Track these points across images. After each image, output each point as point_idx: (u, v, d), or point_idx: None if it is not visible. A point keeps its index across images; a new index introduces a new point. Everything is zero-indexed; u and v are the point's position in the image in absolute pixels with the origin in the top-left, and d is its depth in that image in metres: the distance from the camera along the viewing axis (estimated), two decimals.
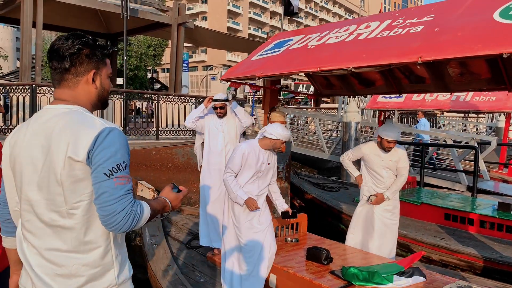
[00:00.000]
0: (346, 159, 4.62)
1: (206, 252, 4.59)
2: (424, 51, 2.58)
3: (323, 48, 3.49)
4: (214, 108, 4.79)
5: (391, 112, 16.31)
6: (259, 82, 4.77)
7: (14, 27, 36.18)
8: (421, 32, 2.85)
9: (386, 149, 4.30)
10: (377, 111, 14.31)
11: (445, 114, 21.89)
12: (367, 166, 4.51)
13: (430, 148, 11.06)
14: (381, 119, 6.65)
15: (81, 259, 1.52)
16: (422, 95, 7.45)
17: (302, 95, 4.96)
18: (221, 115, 4.80)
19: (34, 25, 8.67)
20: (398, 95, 7.28)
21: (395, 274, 3.38)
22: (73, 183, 1.46)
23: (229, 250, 3.78)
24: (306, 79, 4.87)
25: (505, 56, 2.17)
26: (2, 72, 22.76)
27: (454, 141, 10.91)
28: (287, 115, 15.54)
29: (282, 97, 4.83)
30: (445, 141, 11.04)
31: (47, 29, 12.15)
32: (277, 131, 3.58)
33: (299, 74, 4.34)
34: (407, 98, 7.45)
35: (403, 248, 5.50)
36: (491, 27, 2.47)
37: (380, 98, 7.30)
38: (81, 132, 1.46)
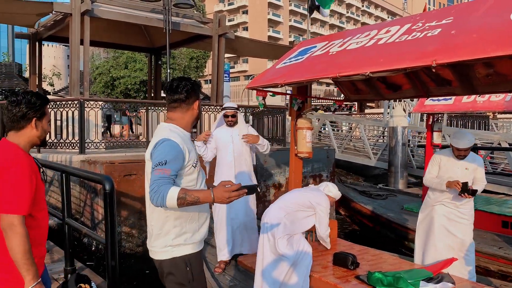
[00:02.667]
0: (429, 178, 4.38)
1: (237, 257, 4.68)
2: (438, 54, 2.56)
3: (343, 54, 3.51)
4: (225, 116, 4.70)
5: (440, 115, 15.71)
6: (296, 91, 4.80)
7: (65, 46, 38.40)
8: (438, 35, 2.82)
9: (458, 157, 4.24)
10: (425, 115, 13.89)
11: (498, 115, 20.81)
12: (441, 174, 4.34)
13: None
14: (429, 123, 6.46)
15: (153, 222, 2.38)
16: (473, 96, 7.17)
17: (332, 103, 4.97)
18: (232, 123, 4.69)
19: (82, 43, 9.21)
20: (447, 97, 7.04)
21: (422, 280, 3.34)
22: (149, 173, 2.28)
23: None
24: None
25: None
26: (54, 89, 24.13)
27: (510, 144, 10.33)
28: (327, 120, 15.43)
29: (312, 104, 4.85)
30: (499, 144, 10.48)
31: (94, 45, 12.80)
32: (338, 192, 4.16)
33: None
34: (456, 100, 7.16)
35: None
36: (506, 28, 2.42)
37: (428, 101, 7.06)
38: (154, 140, 2.33)
